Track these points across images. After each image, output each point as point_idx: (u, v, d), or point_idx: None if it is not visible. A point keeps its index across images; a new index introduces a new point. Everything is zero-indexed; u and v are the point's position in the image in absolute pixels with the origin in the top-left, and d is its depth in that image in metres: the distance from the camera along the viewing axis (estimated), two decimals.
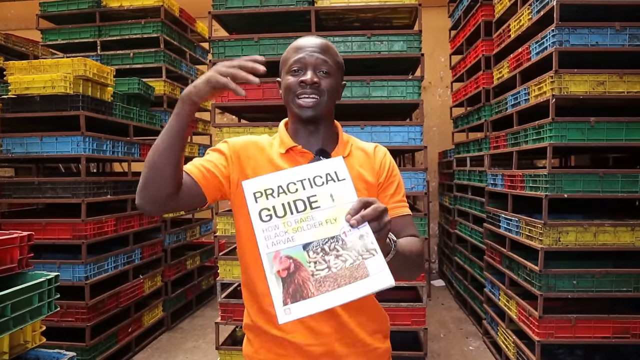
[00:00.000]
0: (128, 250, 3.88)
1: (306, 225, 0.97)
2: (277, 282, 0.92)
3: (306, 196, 0.99)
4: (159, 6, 4.54)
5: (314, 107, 1.19)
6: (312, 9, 3.30)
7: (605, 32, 2.85)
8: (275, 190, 1.00)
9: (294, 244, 0.95)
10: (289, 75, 1.21)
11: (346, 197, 0.99)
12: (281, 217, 0.97)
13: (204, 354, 3.93)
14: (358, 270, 0.92)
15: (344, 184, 1.00)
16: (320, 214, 0.97)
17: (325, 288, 0.91)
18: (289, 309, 0.90)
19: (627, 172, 2.88)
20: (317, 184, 1.00)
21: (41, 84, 3.33)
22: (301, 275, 0.92)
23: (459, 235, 5.19)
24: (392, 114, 3.72)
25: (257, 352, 1.24)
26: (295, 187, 1.00)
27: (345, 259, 0.93)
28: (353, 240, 0.94)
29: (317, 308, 0.90)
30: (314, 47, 1.21)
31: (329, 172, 1.01)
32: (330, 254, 0.94)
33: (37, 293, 1.82)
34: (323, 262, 0.93)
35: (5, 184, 3.51)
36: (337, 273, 0.92)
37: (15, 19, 7.46)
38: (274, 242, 0.95)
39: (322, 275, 0.92)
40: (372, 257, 0.93)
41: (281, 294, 0.91)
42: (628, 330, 2.88)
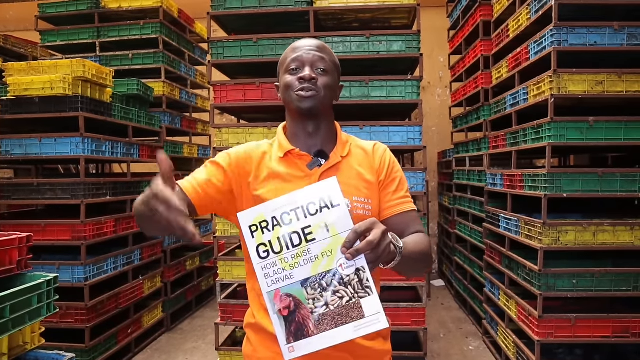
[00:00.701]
0: (127, 251, 3.87)
1: (303, 260, 0.98)
2: (279, 321, 0.97)
3: (301, 228, 0.99)
4: (157, 7, 4.54)
5: (313, 98, 1.19)
6: (310, 9, 3.31)
7: (603, 31, 2.85)
8: (270, 223, 1.00)
9: (292, 281, 0.97)
10: (287, 74, 1.23)
11: (341, 225, 0.97)
12: (278, 253, 0.99)
13: (204, 355, 3.93)
14: (354, 310, 0.95)
15: (338, 210, 0.98)
16: (316, 247, 0.98)
17: (324, 327, 0.95)
18: (292, 347, 0.96)
19: (626, 172, 2.88)
20: (311, 212, 0.99)
21: (40, 85, 3.33)
22: (301, 313, 0.96)
23: (458, 235, 5.19)
24: (391, 114, 3.72)
25: (256, 351, 1.24)
26: (290, 217, 0.99)
27: (342, 296, 0.95)
28: (349, 274, 0.96)
29: (317, 346, 0.95)
30: (310, 47, 1.24)
31: (322, 197, 0.99)
32: (327, 289, 0.96)
33: (36, 294, 1.82)
34: (321, 298, 0.96)
35: (5, 185, 3.51)
36: (334, 311, 0.95)
37: (14, 20, 7.46)
38: (273, 281, 0.98)
39: (321, 313, 0.96)
40: (367, 296, 0.95)
41: (284, 332, 0.96)
42: (628, 329, 2.88)
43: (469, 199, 4.69)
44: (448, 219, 5.75)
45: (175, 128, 4.94)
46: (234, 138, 3.35)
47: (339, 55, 3.29)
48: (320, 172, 1.21)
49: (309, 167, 1.22)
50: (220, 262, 3.34)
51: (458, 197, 5.20)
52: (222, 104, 3.43)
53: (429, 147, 3.90)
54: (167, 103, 4.73)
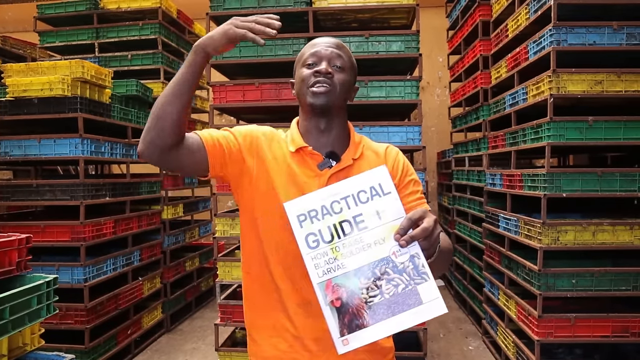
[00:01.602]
0: (127, 252, 3.87)
1: (355, 248, 0.96)
2: (331, 312, 0.93)
3: (352, 216, 0.97)
4: (156, 8, 4.54)
5: (326, 93, 1.19)
6: (310, 9, 3.31)
7: (602, 31, 2.85)
8: (319, 212, 0.98)
9: (345, 270, 0.95)
10: (304, 68, 1.23)
11: (393, 213, 0.97)
12: (329, 242, 0.97)
13: (204, 356, 3.93)
14: (411, 297, 0.92)
15: (389, 198, 0.98)
16: (369, 235, 0.96)
17: (379, 316, 0.92)
18: (347, 340, 0.92)
19: (625, 171, 2.88)
20: (361, 200, 0.98)
21: (39, 86, 3.33)
22: (355, 304, 0.93)
23: (458, 235, 5.20)
24: (391, 114, 3.72)
25: (261, 350, 1.24)
26: (340, 206, 0.98)
27: (397, 284, 0.93)
28: (404, 261, 0.94)
29: (373, 337, 0.92)
30: (329, 43, 1.25)
31: (373, 185, 0.99)
32: (382, 278, 0.94)
33: (35, 295, 1.82)
34: (375, 287, 0.93)
35: (4, 187, 3.50)
36: (390, 299, 0.92)
37: (12, 21, 7.45)
38: (324, 271, 0.95)
39: (376, 303, 0.93)
40: (424, 282, 0.93)
41: (337, 324, 0.92)
42: (627, 329, 2.88)
43: (469, 199, 4.69)
44: (447, 219, 5.75)
45: None
46: None
47: None
48: (330, 173, 1.21)
49: (319, 167, 1.21)
50: (219, 262, 3.34)
51: (457, 197, 5.21)
52: (221, 104, 3.43)
53: (428, 147, 3.90)
54: None
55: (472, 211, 4.55)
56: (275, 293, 1.20)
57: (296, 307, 1.18)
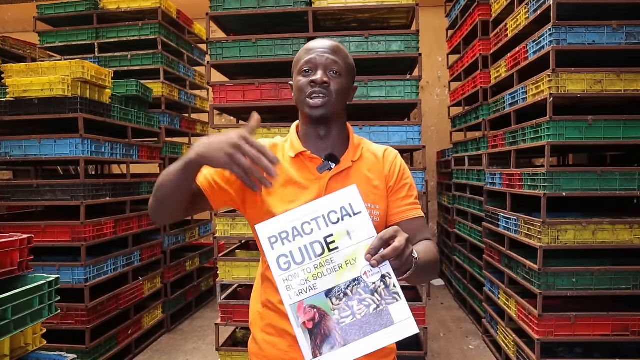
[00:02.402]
0: (127, 252, 3.87)
1: (326, 269, 0.95)
2: (304, 334, 0.93)
3: (323, 237, 0.97)
4: (156, 8, 4.54)
5: (323, 106, 1.19)
6: (309, 9, 3.31)
7: (602, 30, 2.86)
8: (290, 234, 0.98)
9: (316, 292, 0.94)
10: (300, 76, 1.23)
11: (364, 233, 0.96)
12: (300, 263, 0.96)
13: (204, 356, 3.93)
14: (382, 317, 0.92)
15: (360, 218, 0.97)
16: (339, 256, 0.95)
17: (351, 337, 0.92)
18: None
19: (625, 170, 2.89)
20: (332, 221, 0.97)
21: (39, 87, 3.33)
22: (327, 325, 0.93)
23: (458, 235, 5.20)
24: (390, 114, 3.73)
25: (262, 350, 1.25)
26: (310, 227, 0.98)
27: (369, 304, 0.93)
28: (375, 281, 0.93)
29: (346, 358, 0.91)
30: (324, 48, 1.22)
31: (343, 205, 0.98)
32: (353, 298, 0.93)
33: (37, 296, 1.82)
34: (347, 308, 0.93)
35: (4, 187, 3.50)
36: (361, 320, 0.92)
37: (12, 21, 7.45)
38: (296, 292, 0.95)
39: (348, 324, 0.92)
40: (395, 302, 0.92)
41: (309, 346, 0.92)
42: (627, 327, 2.89)
43: (468, 199, 4.70)
44: (447, 218, 5.75)
45: (174, 129, 4.94)
46: None
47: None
48: (329, 176, 1.21)
49: (319, 171, 1.22)
50: (220, 262, 3.34)
51: (457, 196, 5.21)
52: (221, 104, 3.43)
53: (428, 146, 3.91)
54: (166, 104, 4.73)
55: (472, 210, 4.56)
56: (277, 295, 1.22)
57: None
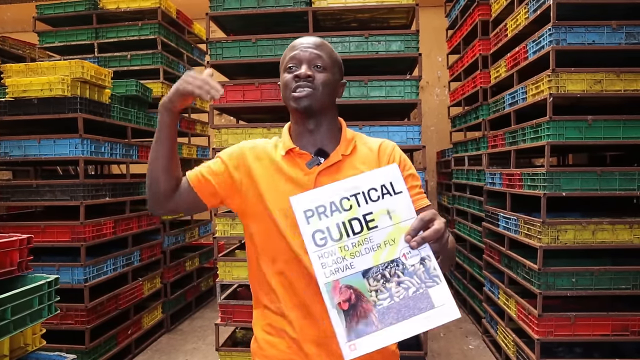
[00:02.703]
0: (127, 252, 3.87)
1: (364, 248, 0.91)
2: (338, 315, 0.88)
3: (362, 214, 0.93)
4: (156, 8, 4.54)
5: (308, 96, 1.19)
6: (309, 9, 3.31)
7: (601, 30, 2.86)
8: (327, 208, 0.94)
9: (353, 271, 0.90)
10: (286, 73, 1.24)
11: (404, 213, 0.93)
12: (337, 240, 0.92)
13: (204, 356, 3.93)
14: (422, 301, 0.88)
15: (401, 197, 0.94)
16: (379, 235, 0.92)
17: (389, 320, 0.88)
18: (354, 345, 0.87)
19: (624, 170, 2.89)
20: (372, 198, 0.94)
21: (39, 87, 3.32)
22: (363, 307, 0.88)
23: (457, 235, 5.20)
24: (390, 114, 3.72)
25: (262, 349, 1.26)
26: (350, 203, 0.94)
27: (408, 287, 0.89)
28: (414, 263, 0.90)
29: (382, 343, 0.87)
30: (308, 44, 1.24)
31: (384, 183, 0.95)
32: (391, 280, 0.90)
33: (37, 296, 1.82)
34: (385, 290, 0.89)
35: (4, 187, 3.50)
36: (400, 303, 0.88)
37: (11, 21, 7.44)
38: (332, 271, 0.90)
39: (385, 306, 0.88)
40: (435, 285, 0.89)
41: (344, 328, 0.87)
42: (627, 327, 2.89)
43: (468, 198, 4.70)
44: (447, 218, 5.75)
45: None
46: (233, 139, 3.35)
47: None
48: (318, 170, 1.21)
49: (308, 166, 1.22)
50: (220, 262, 3.34)
51: (457, 196, 5.21)
52: (221, 104, 3.43)
53: (427, 146, 3.90)
54: None
55: (472, 210, 4.56)
56: (272, 294, 1.22)
57: (292, 309, 1.19)
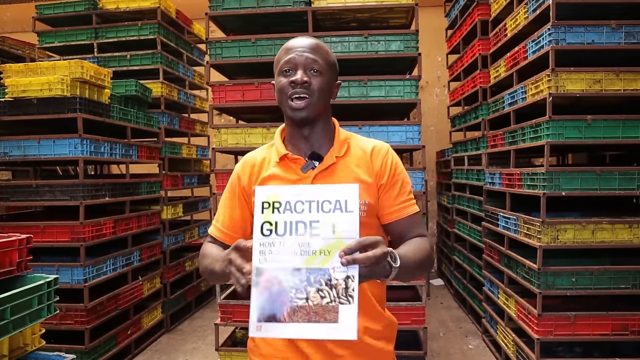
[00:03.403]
0: (127, 252, 3.87)
1: (301, 250, 0.98)
2: (258, 298, 0.97)
3: (309, 220, 1.00)
4: (155, 8, 4.53)
5: (306, 107, 1.19)
6: (309, 9, 3.31)
7: (601, 30, 2.86)
8: (282, 206, 1.02)
9: (284, 265, 0.98)
10: (281, 77, 1.22)
11: (348, 232, 0.98)
12: (280, 235, 1.00)
13: (204, 356, 3.93)
14: (330, 313, 0.94)
15: (349, 216, 0.99)
16: (318, 243, 0.98)
17: (296, 318, 0.95)
18: (261, 326, 0.96)
19: (624, 170, 2.89)
20: (324, 209, 1.00)
21: (38, 87, 3.32)
22: (281, 299, 0.96)
23: (457, 234, 5.20)
24: (390, 114, 3.73)
25: (259, 347, 1.26)
26: (303, 207, 1.01)
27: (324, 296, 0.95)
28: (338, 279, 0.95)
29: (284, 334, 0.95)
30: (304, 47, 1.21)
31: (339, 199, 1.01)
32: (313, 285, 0.96)
33: (36, 296, 1.82)
34: (304, 292, 0.96)
35: (3, 187, 3.50)
36: (311, 307, 0.95)
37: (11, 21, 7.44)
38: (267, 259, 0.99)
39: (299, 305, 0.95)
40: (347, 304, 0.94)
41: (258, 309, 0.96)
42: (627, 327, 2.89)
43: (468, 198, 4.70)
44: (447, 218, 5.75)
45: (173, 129, 4.94)
46: (232, 138, 3.35)
47: (337, 55, 3.30)
48: (313, 174, 1.22)
49: (302, 170, 1.23)
50: None
51: (457, 196, 5.21)
52: (221, 104, 3.43)
53: (427, 146, 3.90)
54: (165, 104, 4.72)
55: (472, 210, 4.56)
56: None
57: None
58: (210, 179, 5.79)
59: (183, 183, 5.05)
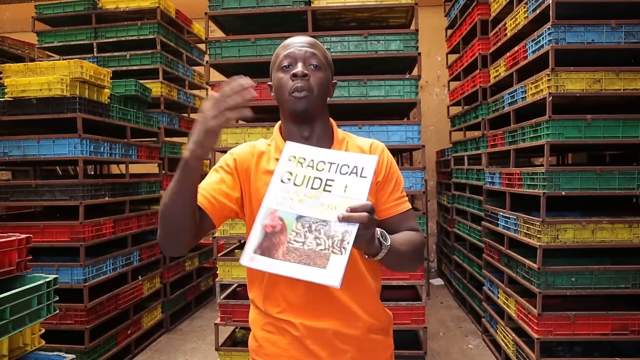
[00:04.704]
0: (126, 252, 3.87)
1: (311, 202, 1.06)
2: (260, 232, 1.03)
3: (326, 178, 1.08)
4: (155, 7, 4.53)
5: (307, 99, 1.20)
6: (308, 9, 3.31)
7: (601, 29, 2.86)
8: (305, 162, 1.11)
9: (292, 211, 1.05)
10: (280, 72, 1.23)
11: (357, 193, 1.05)
12: (297, 185, 1.08)
13: (204, 355, 3.93)
14: (321, 258, 1.00)
15: (362, 181, 1.07)
16: (327, 198, 1.06)
17: (289, 257, 1.01)
18: (254, 258, 1.01)
19: (624, 169, 2.89)
20: (341, 171, 1.09)
21: (38, 87, 3.32)
22: (280, 238, 1.02)
23: (457, 234, 5.20)
24: (390, 113, 3.73)
25: (262, 347, 1.26)
26: (324, 166, 1.10)
27: (320, 244, 1.01)
28: (337, 230, 1.01)
29: (274, 269, 1.00)
30: (302, 43, 1.24)
31: (357, 165, 1.09)
32: (312, 232, 1.02)
33: (36, 296, 1.82)
34: (303, 236, 1.02)
35: (3, 187, 3.49)
36: (305, 251, 1.01)
37: (10, 21, 7.44)
38: (278, 202, 1.06)
39: (294, 247, 1.01)
40: (339, 255, 0.99)
41: (256, 242, 1.02)
42: (627, 326, 2.89)
43: (468, 198, 4.70)
44: (447, 217, 5.75)
45: (173, 129, 4.94)
46: (232, 138, 3.35)
47: (337, 54, 3.31)
48: None
49: None
50: (219, 262, 3.34)
51: (457, 195, 5.21)
52: None
53: (427, 146, 3.90)
54: (165, 104, 4.72)
55: (472, 210, 4.56)
56: (273, 295, 1.23)
57: (294, 309, 1.21)
58: None
59: None
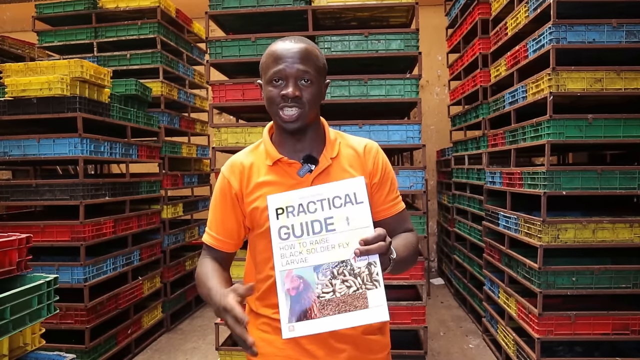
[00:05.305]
0: (127, 251, 3.87)
1: (320, 247, 1.02)
2: (285, 299, 1.00)
3: (324, 217, 1.05)
4: (155, 7, 4.53)
5: (299, 118, 1.18)
6: (309, 8, 3.30)
7: (602, 29, 2.85)
8: (295, 209, 1.06)
9: (306, 264, 1.02)
10: (270, 86, 1.20)
11: (361, 221, 1.03)
12: (298, 237, 1.04)
13: (204, 355, 3.93)
14: (359, 300, 0.98)
15: (361, 207, 1.05)
16: (335, 237, 1.03)
17: (327, 311, 0.98)
18: (293, 327, 0.99)
19: (625, 169, 2.88)
20: (335, 205, 1.05)
21: (38, 86, 3.32)
22: (308, 296, 1.00)
23: (457, 234, 5.20)
24: (390, 113, 3.72)
25: (257, 347, 1.25)
26: (315, 206, 1.06)
27: (350, 285, 0.99)
28: (360, 266, 1.00)
29: (317, 329, 0.98)
30: (293, 58, 1.17)
31: (348, 193, 1.06)
32: (337, 277, 1.00)
33: (36, 295, 1.82)
34: (330, 285, 1.00)
35: (3, 187, 3.49)
36: (339, 298, 0.98)
37: (10, 21, 7.44)
38: (288, 261, 1.02)
39: (327, 299, 0.99)
40: (374, 289, 0.98)
41: (288, 311, 0.99)
42: (627, 326, 2.89)
43: (468, 197, 4.69)
44: (447, 217, 5.75)
45: (173, 128, 4.94)
46: (232, 138, 3.35)
47: (337, 54, 3.31)
48: (312, 178, 1.22)
49: (299, 174, 1.22)
50: None
51: (457, 195, 5.21)
52: (221, 103, 3.43)
53: (427, 145, 3.90)
54: (165, 103, 4.72)
55: (472, 209, 4.55)
56: (269, 296, 1.25)
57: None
58: (211, 178, 5.79)
59: (183, 182, 5.05)
